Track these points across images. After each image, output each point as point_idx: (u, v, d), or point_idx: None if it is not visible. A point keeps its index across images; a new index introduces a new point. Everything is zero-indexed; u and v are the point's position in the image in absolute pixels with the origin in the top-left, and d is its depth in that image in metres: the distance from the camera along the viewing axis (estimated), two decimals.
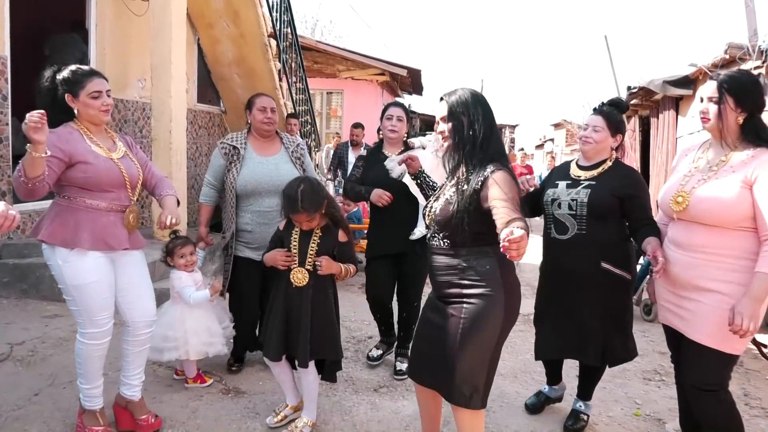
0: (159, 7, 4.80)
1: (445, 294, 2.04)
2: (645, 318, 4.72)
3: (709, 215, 2.04)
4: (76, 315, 2.33)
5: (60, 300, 4.24)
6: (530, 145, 27.35)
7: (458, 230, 1.95)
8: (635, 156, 10.38)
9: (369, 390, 3.11)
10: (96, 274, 2.28)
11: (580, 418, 2.78)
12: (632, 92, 9.71)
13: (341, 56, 12.23)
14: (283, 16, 7.71)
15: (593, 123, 2.62)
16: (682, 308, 2.18)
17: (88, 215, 2.28)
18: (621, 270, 2.53)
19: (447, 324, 1.99)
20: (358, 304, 4.76)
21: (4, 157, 4.33)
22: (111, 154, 2.36)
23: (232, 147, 3.09)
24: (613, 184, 2.53)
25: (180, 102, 4.96)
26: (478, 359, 1.98)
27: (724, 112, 2.05)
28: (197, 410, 2.77)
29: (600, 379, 2.82)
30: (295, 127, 6.90)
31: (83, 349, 2.35)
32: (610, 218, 2.53)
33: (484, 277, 1.95)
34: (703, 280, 2.08)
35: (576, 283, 2.56)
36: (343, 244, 2.59)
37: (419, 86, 15.08)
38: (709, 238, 2.06)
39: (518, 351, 3.84)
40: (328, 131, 12.73)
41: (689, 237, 2.12)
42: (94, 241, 2.27)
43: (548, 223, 2.69)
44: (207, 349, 2.91)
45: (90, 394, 2.42)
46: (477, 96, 2.04)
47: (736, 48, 6.22)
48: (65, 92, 2.29)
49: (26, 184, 2.04)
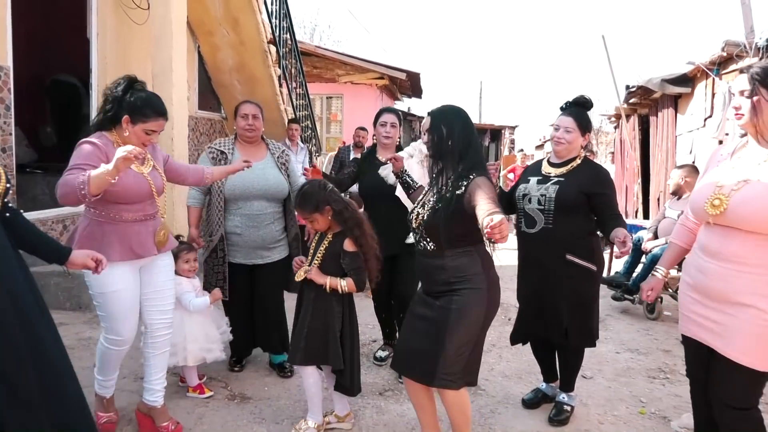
0: (159, 16, 4.83)
1: (434, 290, 2.24)
2: (648, 316, 4.72)
3: (751, 220, 1.83)
4: (102, 320, 2.44)
5: (65, 308, 4.29)
6: (530, 145, 27.39)
7: (444, 233, 2.14)
8: (635, 154, 10.38)
9: (374, 393, 3.12)
10: (121, 283, 2.36)
11: (564, 409, 2.86)
12: (631, 91, 9.72)
13: (340, 61, 12.27)
14: (282, 23, 7.74)
15: (564, 124, 2.74)
16: (711, 321, 1.99)
17: (116, 227, 2.34)
18: (586, 261, 2.67)
19: (436, 314, 2.20)
20: (362, 308, 4.75)
21: (8, 166, 4.35)
22: (142, 168, 2.40)
23: (219, 152, 3.16)
24: (580, 181, 2.65)
25: (181, 109, 4.98)
26: (462, 346, 2.19)
27: (759, 105, 1.87)
28: (203, 416, 2.78)
29: (578, 370, 2.90)
30: (296, 132, 6.92)
31: (102, 350, 2.47)
32: (577, 213, 2.65)
33: (470, 274, 2.17)
34: (738, 294, 1.88)
35: (543, 273, 2.73)
36: (348, 254, 2.52)
37: (419, 89, 15.11)
38: (746, 247, 1.86)
39: (522, 352, 3.85)
40: (328, 135, 12.76)
41: (724, 245, 1.91)
42: (122, 252, 2.34)
43: (519, 217, 2.83)
44: (205, 355, 2.91)
45: (103, 384, 2.57)
46: (457, 111, 2.28)
47: (733, 45, 6.25)
48: (127, 113, 2.33)
49: (84, 197, 2.10)
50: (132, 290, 2.41)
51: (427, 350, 2.19)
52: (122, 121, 2.33)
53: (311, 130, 9.15)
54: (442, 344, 2.15)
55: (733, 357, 1.91)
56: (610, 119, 12.75)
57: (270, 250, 3.18)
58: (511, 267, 2.87)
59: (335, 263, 2.53)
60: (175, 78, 4.84)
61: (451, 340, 2.15)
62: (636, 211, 10.32)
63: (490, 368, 3.56)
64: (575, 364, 2.88)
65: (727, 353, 1.93)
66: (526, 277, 2.86)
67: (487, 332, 4.35)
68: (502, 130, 21.41)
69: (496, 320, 4.60)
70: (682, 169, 4.83)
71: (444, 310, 2.17)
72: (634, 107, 10.45)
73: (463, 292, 2.16)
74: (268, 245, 3.16)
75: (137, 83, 2.40)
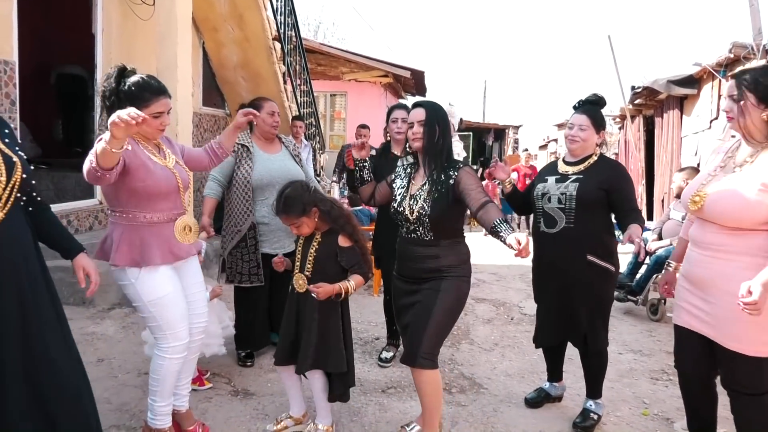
0: (165, 12, 4.83)
1: (420, 275, 2.40)
2: (651, 318, 4.71)
3: (724, 217, 1.99)
4: (155, 330, 2.30)
5: (69, 303, 4.29)
6: (534, 145, 27.32)
7: (446, 224, 2.35)
8: (640, 156, 10.36)
9: (377, 391, 3.12)
10: (170, 285, 2.28)
11: (590, 417, 2.79)
12: (636, 92, 9.70)
13: (344, 58, 12.24)
14: (287, 19, 7.74)
15: (579, 122, 2.72)
16: (700, 309, 2.10)
17: (151, 230, 2.25)
18: (605, 262, 2.65)
19: (423, 296, 2.36)
20: (365, 306, 4.78)
21: None
22: (166, 162, 2.32)
23: (241, 146, 3.27)
24: (599, 178, 2.64)
25: (186, 105, 4.98)
26: (445, 327, 2.38)
27: (746, 109, 1.98)
28: (206, 411, 2.78)
29: (604, 375, 2.83)
30: (300, 129, 6.93)
31: (163, 365, 2.31)
32: (597, 211, 2.64)
33: (459, 262, 2.39)
34: (717, 279, 2.03)
35: (564, 274, 2.70)
36: (346, 250, 2.46)
37: (423, 87, 15.08)
38: (725, 238, 2.01)
39: (525, 351, 3.85)
40: (332, 133, 12.74)
41: (705, 236, 2.09)
42: (163, 256, 2.25)
43: (537, 217, 2.80)
44: (204, 350, 2.86)
45: (162, 412, 2.37)
46: (444, 111, 2.44)
47: (741, 47, 6.22)
48: (127, 104, 2.15)
49: (96, 171, 1.94)
50: (180, 291, 2.33)
51: (414, 334, 2.34)
52: None
53: (315, 127, 9.15)
54: (426, 325, 2.30)
55: (724, 344, 2.02)
56: (615, 120, 12.72)
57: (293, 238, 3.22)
58: (515, 266, 2.89)
59: (332, 264, 2.45)
60: (180, 74, 4.84)
61: (437, 320, 2.31)
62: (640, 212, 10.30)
63: (493, 367, 3.56)
64: (599, 368, 2.80)
65: (719, 340, 2.04)
66: (545, 279, 2.82)
67: (490, 331, 4.37)
68: (505, 129, 21.36)
69: (499, 319, 4.64)
70: (683, 172, 4.82)
71: (432, 292, 2.34)
72: (640, 108, 10.43)
73: (450, 279, 2.35)
74: (292, 233, 3.19)
75: (127, 71, 2.27)
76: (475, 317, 4.66)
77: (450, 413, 2.87)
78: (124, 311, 4.19)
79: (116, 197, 2.22)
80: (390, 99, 13.12)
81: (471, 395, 3.12)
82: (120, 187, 2.16)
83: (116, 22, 5.50)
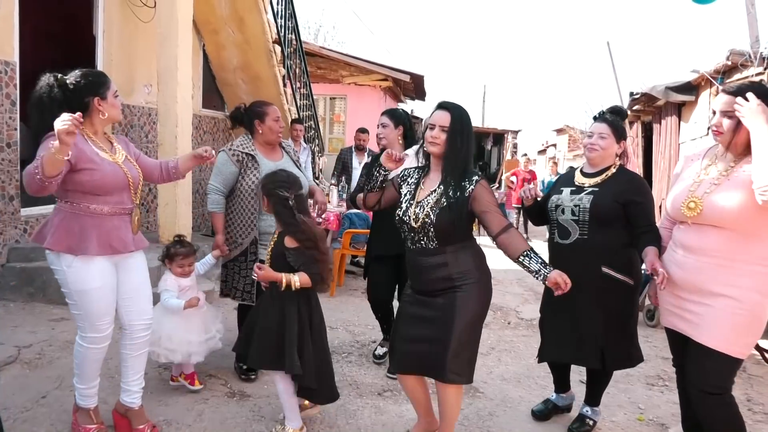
0: (165, 14, 4.85)
1: (434, 288, 2.28)
2: (648, 324, 4.73)
3: (725, 219, 2.04)
4: (77, 319, 2.35)
5: (65, 303, 4.26)
6: (533, 150, 27.43)
7: (452, 232, 2.24)
8: (638, 162, 10.39)
9: (373, 394, 3.13)
10: (100, 279, 2.30)
11: (586, 422, 2.79)
12: (635, 98, 9.73)
13: (344, 62, 12.26)
14: (287, 23, 7.76)
15: (599, 130, 2.65)
16: (686, 311, 2.18)
17: (93, 220, 2.27)
18: (622, 275, 2.54)
19: (440, 312, 2.25)
20: (362, 309, 4.78)
21: (12, 161, 4.37)
22: (115, 157, 2.36)
23: (246, 154, 3.11)
24: (615, 190, 2.55)
25: (186, 107, 5.00)
26: (471, 338, 2.29)
27: (740, 126, 2.03)
28: (203, 413, 2.79)
29: (607, 385, 2.83)
30: (300, 132, 6.94)
31: (81, 351, 2.37)
32: (613, 224, 2.54)
33: (470, 268, 2.28)
34: (714, 285, 2.08)
35: (578, 287, 2.54)
36: (291, 250, 2.46)
37: (422, 92, 15.11)
38: (723, 242, 2.05)
39: (522, 356, 3.85)
40: (331, 136, 12.76)
41: (701, 241, 2.11)
42: (100, 247, 2.27)
43: (552, 228, 2.74)
44: (172, 357, 2.83)
45: (84, 393, 2.45)
46: (469, 117, 2.33)
47: (738, 55, 6.25)
48: (93, 96, 2.27)
49: (42, 182, 2.02)
50: (111, 286, 2.35)
51: (434, 347, 2.23)
52: (93, 104, 2.27)
53: (314, 130, 9.17)
54: (449, 339, 2.20)
55: (706, 343, 2.08)
56: None
57: None
58: (512, 271, 2.88)
59: (283, 262, 2.48)
60: (180, 76, 4.86)
61: (460, 334, 2.21)
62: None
63: (489, 371, 3.57)
64: (605, 381, 2.79)
65: (701, 339, 2.10)
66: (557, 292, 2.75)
67: (487, 335, 4.38)
68: (504, 134, 21.39)
69: (496, 324, 4.64)
70: None
71: (449, 306, 2.23)
72: (638, 114, 10.46)
73: (465, 287, 2.24)
74: None
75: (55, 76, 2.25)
76: None
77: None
78: None
79: (63, 188, 2.23)
80: (390, 102, 13.16)
81: (467, 399, 3.12)
82: (67, 180, 2.20)
83: (117, 24, 5.52)
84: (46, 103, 2.22)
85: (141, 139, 5.91)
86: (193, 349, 2.88)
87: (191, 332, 2.89)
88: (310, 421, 2.69)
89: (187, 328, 2.88)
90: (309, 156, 7.32)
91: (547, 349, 2.77)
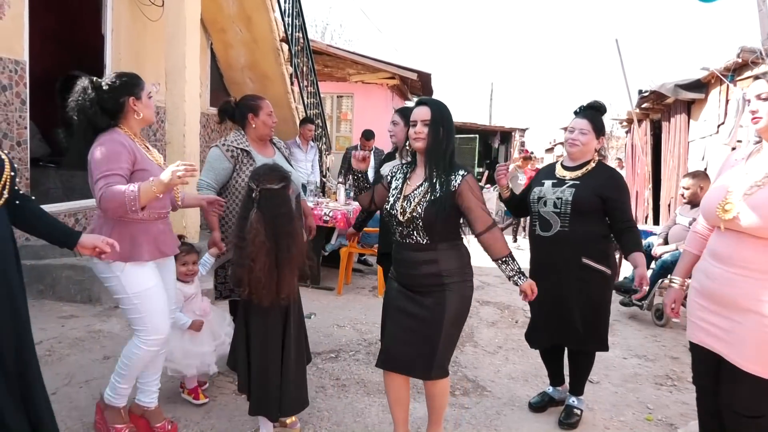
0: (173, 13, 4.87)
1: (421, 283, 2.27)
2: (656, 323, 4.69)
3: (762, 226, 1.80)
4: (137, 323, 2.33)
5: (76, 301, 4.33)
6: (540, 148, 27.28)
7: (441, 226, 2.23)
8: (646, 159, 10.32)
9: (380, 392, 3.13)
10: (154, 278, 2.34)
11: (573, 413, 2.86)
12: (644, 96, 9.67)
13: (351, 60, 12.27)
14: (294, 21, 7.78)
15: (579, 126, 2.74)
16: (718, 327, 1.96)
17: (142, 226, 2.30)
18: (601, 265, 2.67)
19: (428, 313, 2.24)
20: (370, 307, 4.79)
21: (22, 160, 4.41)
22: (158, 161, 2.39)
23: (241, 150, 3.04)
24: (595, 184, 2.66)
25: (194, 106, 5.02)
26: (455, 337, 2.32)
27: None
28: (211, 410, 2.80)
29: (588, 374, 2.91)
30: (310, 132, 6.93)
31: (138, 354, 2.34)
32: (592, 216, 2.66)
33: (459, 265, 2.27)
34: (745, 299, 1.86)
35: (558, 277, 2.72)
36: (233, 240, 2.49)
37: (429, 90, 15.09)
38: (757, 253, 1.83)
39: (529, 354, 3.84)
40: (338, 134, 12.78)
41: (734, 250, 1.89)
42: (151, 252, 2.32)
43: (533, 220, 2.82)
44: (186, 371, 2.79)
45: (122, 393, 2.44)
46: (450, 112, 2.33)
47: (749, 52, 6.19)
48: (128, 96, 2.30)
49: (134, 212, 2.08)
50: (162, 286, 2.38)
51: (423, 348, 2.25)
52: (128, 104, 2.30)
53: (321, 128, 9.19)
54: (438, 339, 2.23)
55: (739, 365, 1.88)
56: (621, 124, 12.68)
57: None
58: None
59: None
60: (188, 75, 4.88)
61: (448, 333, 2.24)
62: (646, 216, 10.25)
63: (497, 370, 3.56)
64: (585, 368, 2.88)
65: (734, 360, 1.90)
66: (540, 280, 2.72)
67: (494, 334, 4.36)
68: (512, 132, 21.33)
69: (503, 322, 4.63)
70: (696, 178, 4.70)
71: (438, 307, 2.23)
72: (647, 112, 10.39)
73: (453, 286, 2.25)
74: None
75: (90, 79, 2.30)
76: (480, 320, 4.66)
77: (453, 416, 2.88)
78: None
79: None
80: (397, 101, 13.15)
81: (474, 398, 3.12)
82: None
83: (125, 23, 5.55)
84: (85, 106, 2.25)
85: (149, 138, 5.93)
86: (207, 360, 2.81)
87: (203, 344, 2.82)
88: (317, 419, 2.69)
89: (198, 341, 2.80)
90: (316, 155, 7.32)
91: (535, 334, 2.91)
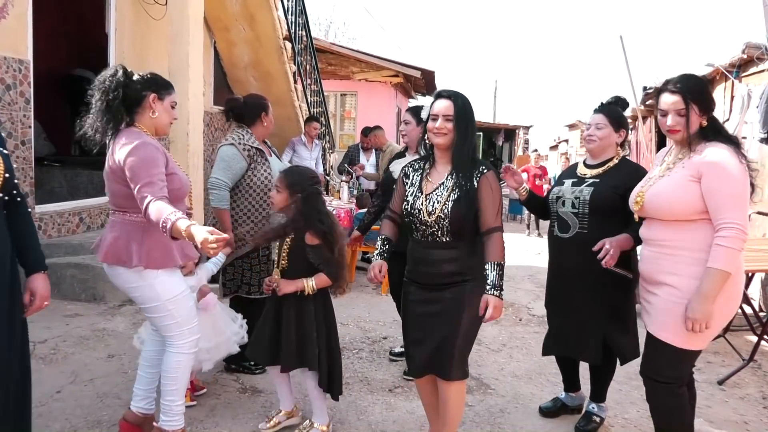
0: (177, 12, 4.87)
1: (441, 282, 2.22)
2: None
3: (660, 210, 2.13)
4: (172, 329, 2.27)
5: (80, 300, 4.34)
6: (544, 146, 27.17)
7: (466, 225, 2.17)
8: (651, 156, 10.28)
9: (384, 390, 3.13)
10: (183, 283, 2.34)
11: (592, 419, 2.77)
12: (648, 92, 9.62)
13: (355, 58, 12.26)
14: (298, 19, 7.77)
15: (595, 121, 2.67)
16: (646, 302, 2.24)
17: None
18: (622, 269, 2.50)
19: (448, 306, 2.20)
20: (373, 305, 4.79)
21: (27, 159, 4.42)
22: (180, 165, 2.39)
23: (255, 149, 3.06)
24: (616, 182, 2.53)
25: (197, 104, 5.02)
26: (473, 334, 2.27)
27: (692, 121, 2.08)
28: (215, 408, 2.81)
29: (611, 380, 2.81)
30: (316, 130, 6.96)
31: (183, 361, 2.30)
32: (612, 217, 2.51)
33: (476, 265, 2.20)
34: (660, 274, 2.14)
35: (577, 281, 2.60)
36: (312, 247, 2.41)
37: (433, 87, 15.06)
38: (667, 232, 2.12)
39: (533, 352, 3.83)
40: (342, 133, 12.77)
41: (652, 233, 2.20)
42: (182, 257, 2.30)
43: (552, 221, 2.73)
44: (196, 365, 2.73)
45: (179, 411, 2.33)
46: (472, 107, 2.24)
47: (754, 48, 6.15)
48: (151, 91, 2.23)
49: (161, 230, 1.97)
50: (188, 288, 2.40)
51: (438, 343, 2.20)
52: (148, 100, 2.23)
53: (325, 126, 9.19)
54: (457, 332, 2.17)
55: (653, 332, 2.14)
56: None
57: None
58: (524, 267, 2.88)
59: (302, 259, 2.43)
60: (192, 73, 4.88)
61: (466, 329, 2.19)
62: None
63: (501, 368, 3.55)
64: (607, 374, 2.77)
65: (650, 329, 2.16)
66: (558, 285, 2.72)
67: (498, 332, 4.36)
68: (516, 129, 21.29)
69: (507, 320, 4.62)
70: None
71: (456, 300, 2.19)
72: (651, 109, 10.35)
73: (471, 281, 2.20)
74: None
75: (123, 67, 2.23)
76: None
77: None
78: (134, 308, 4.22)
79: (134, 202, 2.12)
80: (400, 99, 13.14)
81: (478, 396, 3.12)
82: None
83: (129, 22, 5.55)
84: (110, 88, 2.15)
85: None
86: (201, 356, 2.66)
87: (201, 339, 2.71)
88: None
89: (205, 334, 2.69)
90: (320, 153, 7.33)
91: (549, 342, 2.80)
